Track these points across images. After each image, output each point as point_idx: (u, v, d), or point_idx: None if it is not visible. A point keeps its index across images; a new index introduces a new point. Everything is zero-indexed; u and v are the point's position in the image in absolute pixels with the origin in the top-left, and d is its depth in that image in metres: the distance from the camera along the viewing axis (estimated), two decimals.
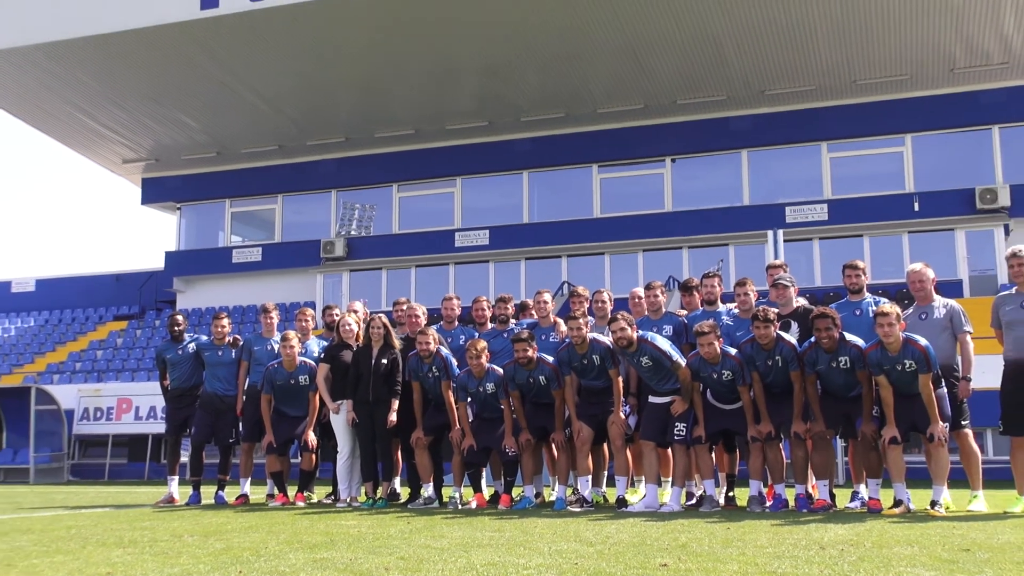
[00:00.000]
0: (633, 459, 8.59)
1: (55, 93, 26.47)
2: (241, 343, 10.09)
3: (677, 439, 7.94)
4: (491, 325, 9.47)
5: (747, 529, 6.08)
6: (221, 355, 10.00)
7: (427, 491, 8.89)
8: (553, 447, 8.89)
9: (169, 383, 10.22)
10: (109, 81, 25.74)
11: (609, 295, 9.19)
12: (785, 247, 20.05)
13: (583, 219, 26.67)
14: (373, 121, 27.27)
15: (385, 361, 8.99)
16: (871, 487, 7.55)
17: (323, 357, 9.48)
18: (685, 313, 8.82)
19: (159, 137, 28.83)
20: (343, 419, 9.21)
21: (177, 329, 10.22)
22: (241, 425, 9.94)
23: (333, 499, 9.63)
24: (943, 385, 7.36)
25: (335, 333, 9.60)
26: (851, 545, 5.15)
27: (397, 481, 9.66)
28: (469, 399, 8.73)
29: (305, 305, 23.07)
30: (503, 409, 8.62)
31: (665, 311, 8.78)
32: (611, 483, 8.85)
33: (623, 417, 8.23)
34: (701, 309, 8.72)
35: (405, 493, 9.54)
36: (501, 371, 8.59)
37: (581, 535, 5.86)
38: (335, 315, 10.07)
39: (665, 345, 7.95)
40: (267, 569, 4.56)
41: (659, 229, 25.73)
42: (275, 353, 9.66)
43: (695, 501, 8.28)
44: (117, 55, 24.28)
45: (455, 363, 8.92)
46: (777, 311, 7.99)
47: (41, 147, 79.50)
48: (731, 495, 8.29)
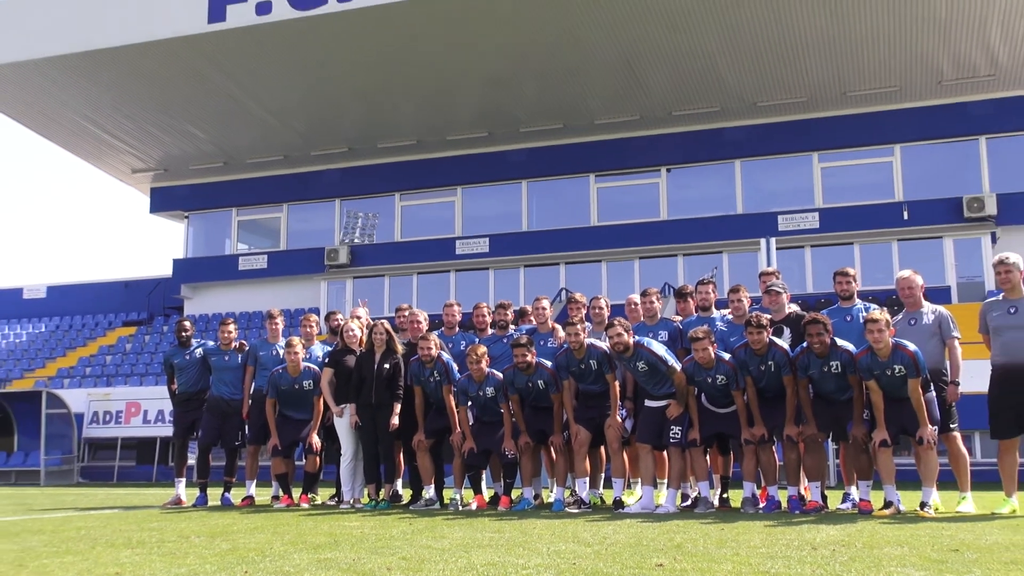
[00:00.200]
0: (630, 461, 8.68)
1: (66, 105, 26.75)
2: (247, 348, 10.18)
3: (672, 442, 8.00)
4: (491, 331, 9.53)
5: (741, 530, 6.09)
6: (227, 360, 10.06)
7: (428, 493, 8.96)
8: (552, 450, 8.95)
9: (176, 387, 10.26)
10: (119, 93, 26.02)
11: (606, 301, 9.23)
12: (777, 254, 20.33)
13: (580, 227, 26.83)
14: (376, 132, 27.47)
15: (387, 366, 9.06)
16: (862, 489, 7.61)
17: (327, 362, 9.53)
18: (680, 319, 8.90)
19: (167, 147, 29.07)
20: (346, 422, 9.28)
21: (184, 335, 10.33)
22: (247, 428, 10.03)
23: (337, 501, 9.71)
24: (932, 389, 7.42)
25: (339, 338, 9.69)
26: (842, 545, 5.17)
27: (399, 483, 9.78)
28: (469, 403, 8.79)
29: (309, 311, 23.30)
30: (503, 413, 8.69)
31: (661, 317, 8.87)
32: (608, 485, 8.93)
33: (620, 420, 8.28)
34: (696, 315, 8.79)
35: (407, 495, 9.67)
36: (501, 375, 8.67)
37: (579, 536, 5.87)
38: (339, 320, 10.21)
39: (661, 350, 8.02)
40: (272, 569, 4.56)
41: (655, 237, 25.88)
42: (280, 358, 9.73)
43: (690, 503, 8.32)
44: (127, 68, 24.56)
45: (456, 368, 9.00)
46: (770, 317, 8.08)
47: (52, 157, 79.91)
48: (725, 497, 8.34)
